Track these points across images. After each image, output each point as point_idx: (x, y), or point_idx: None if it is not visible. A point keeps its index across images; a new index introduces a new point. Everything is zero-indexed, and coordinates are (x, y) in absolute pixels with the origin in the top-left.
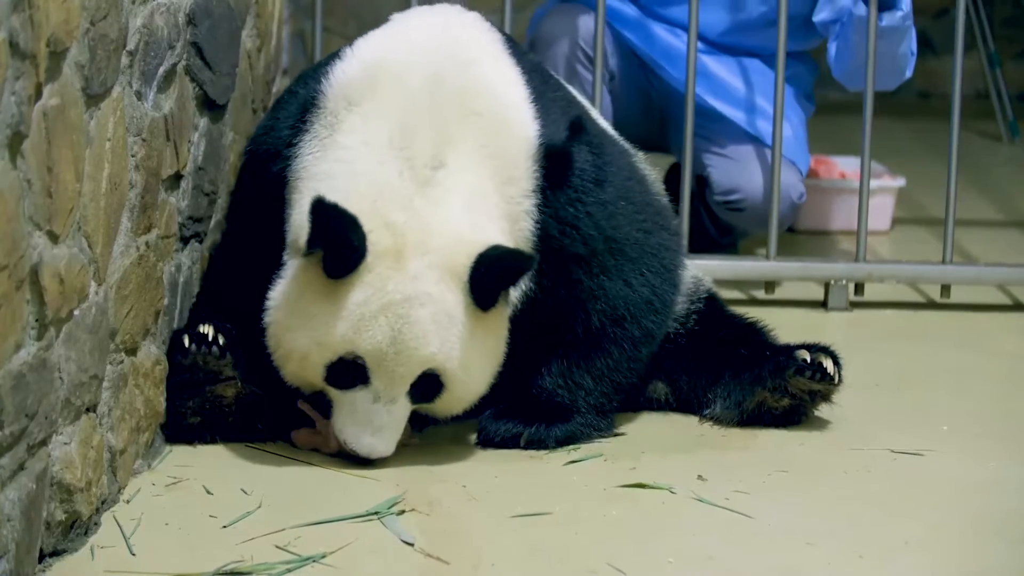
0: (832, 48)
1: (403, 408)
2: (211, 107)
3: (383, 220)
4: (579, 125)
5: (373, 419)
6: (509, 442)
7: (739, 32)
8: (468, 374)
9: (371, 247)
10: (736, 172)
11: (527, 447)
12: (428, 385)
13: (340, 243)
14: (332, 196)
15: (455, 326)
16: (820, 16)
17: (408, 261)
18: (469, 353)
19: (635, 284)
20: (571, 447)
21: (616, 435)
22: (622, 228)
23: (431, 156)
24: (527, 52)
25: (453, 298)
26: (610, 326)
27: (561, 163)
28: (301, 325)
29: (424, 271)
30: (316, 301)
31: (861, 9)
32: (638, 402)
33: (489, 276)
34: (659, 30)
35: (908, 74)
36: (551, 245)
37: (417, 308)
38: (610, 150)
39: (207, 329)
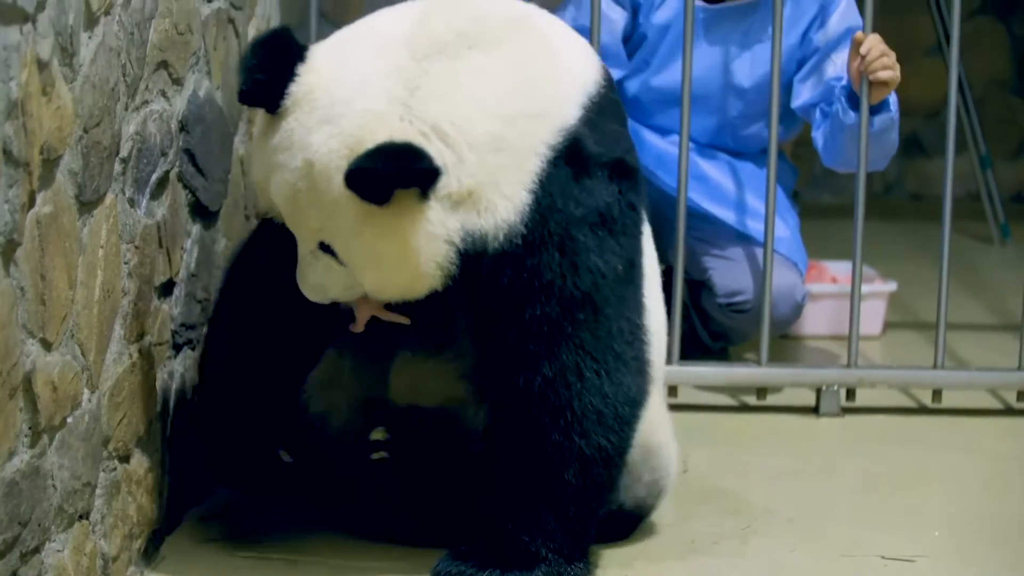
0: (819, 138)
1: (329, 261)
2: (204, 214)
3: (329, 71)
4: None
5: (300, 259)
6: None
7: (724, 133)
8: (363, 264)
9: (294, 89)
10: (739, 273)
11: None
12: (333, 252)
13: (251, 66)
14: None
15: (341, 212)
16: (798, 102)
17: (315, 122)
18: (362, 244)
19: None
20: None
21: None
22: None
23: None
24: None
25: (340, 179)
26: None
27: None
28: (253, 157)
29: (325, 140)
30: (260, 135)
31: (851, 118)
32: None
33: (371, 169)
34: (649, 136)
35: (895, 151)
36: (541, 219)
37: (303, 180)
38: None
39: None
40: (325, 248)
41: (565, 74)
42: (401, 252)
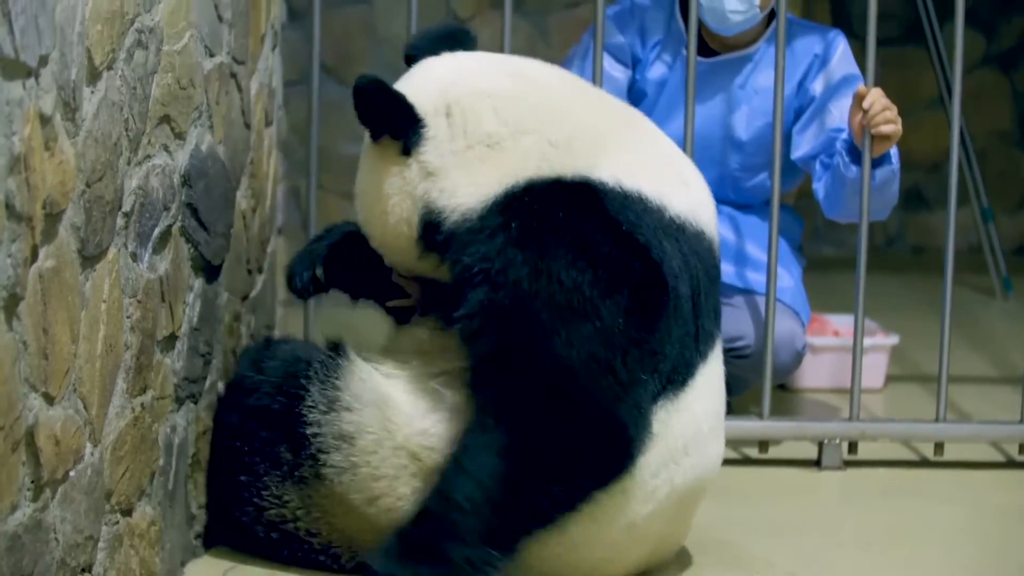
0: (820, 190)
1: None
2: (206, 268)
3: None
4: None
5: None
6: None
7: (726, 185)
8: (357, 194)
9: None
10: (741, 319)
11: None
12: None
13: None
14: None
15: (363, 145)
16: (798, 153)
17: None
18: (360, 175)
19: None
20: None
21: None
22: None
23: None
24: None
25: None
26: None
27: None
28: None
29: None
30: None
31: (852, 172)
32: None
33: (364, 103)
34: None
35: (895, 202)
36: (509, 207)
37: None
38: None
39: None
40: None
41: (628, 156)
42: (377, 191)
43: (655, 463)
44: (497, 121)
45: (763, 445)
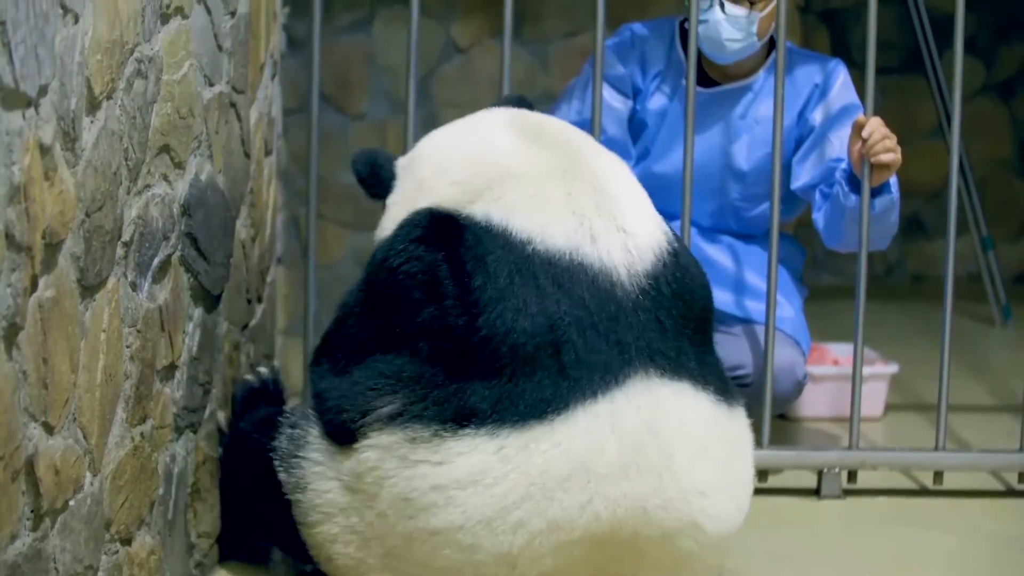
0: (819, 220)
1: None
2: (206, 297)
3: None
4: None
5: None
6: None
7: (727, 215)
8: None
9: None
10: (740, 348)
11: None
12: None
13: None
14: None
15: None
16: (798, 183)
17: None
18: None
19: None
20: None
21: None
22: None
23: None
24: None
25: None
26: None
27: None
28: None
29: None
30: None
31: (852, 201)
32: None
33: (359, 157)
34: None
35: (895, 231)
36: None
37: None
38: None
39: None
40: None
41: (540, 200)
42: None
43: (514, 495)
44: (430, 167)
45: (763, 474)
